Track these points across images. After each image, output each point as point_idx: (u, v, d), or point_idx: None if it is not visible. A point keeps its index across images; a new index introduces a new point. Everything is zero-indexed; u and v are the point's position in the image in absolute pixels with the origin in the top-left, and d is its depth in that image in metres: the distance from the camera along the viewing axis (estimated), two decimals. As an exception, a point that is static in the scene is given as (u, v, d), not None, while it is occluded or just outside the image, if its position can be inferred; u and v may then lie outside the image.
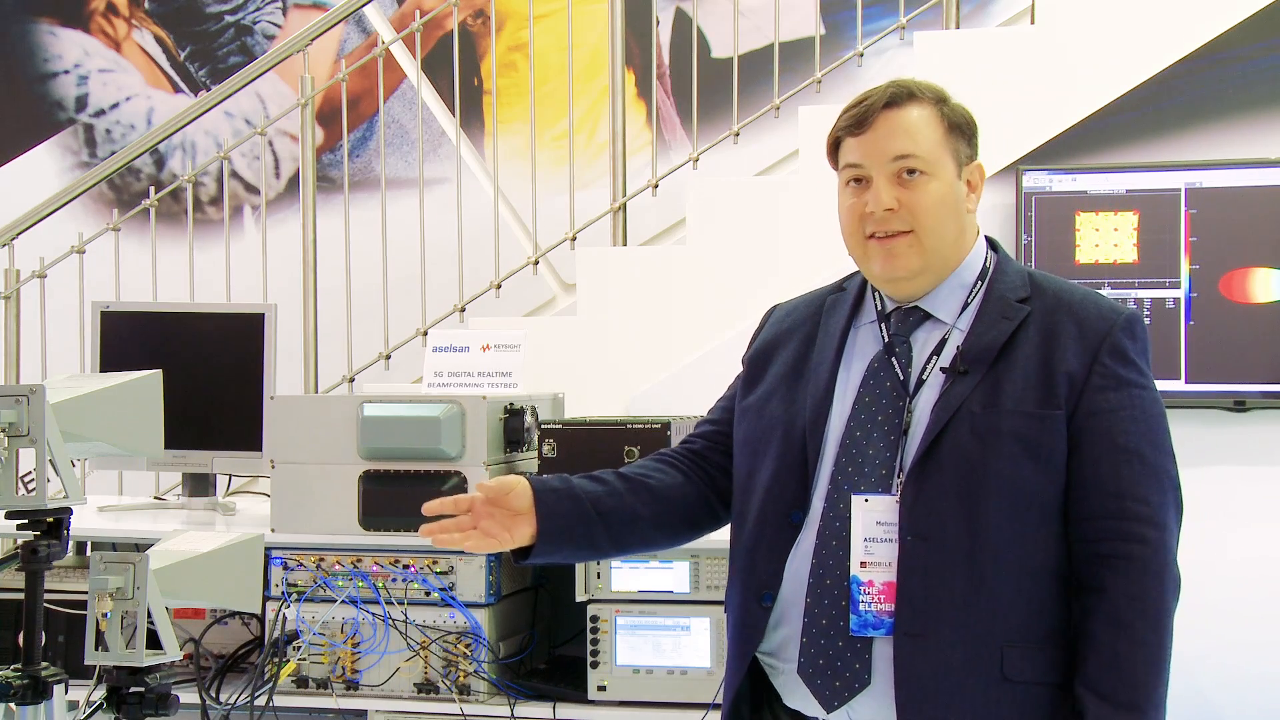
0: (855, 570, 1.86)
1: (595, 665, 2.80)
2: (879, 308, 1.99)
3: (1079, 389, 1.85)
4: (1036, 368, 1.86)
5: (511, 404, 2.96)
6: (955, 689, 1.82)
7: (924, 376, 1.91)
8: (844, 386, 1.96)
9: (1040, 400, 1.85)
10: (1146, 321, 2.15)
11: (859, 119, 1.93)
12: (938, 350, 1.92)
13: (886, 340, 1.95)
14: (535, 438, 2.91)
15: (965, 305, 1.94)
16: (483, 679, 2.82)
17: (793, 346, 2.05)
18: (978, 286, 1.95)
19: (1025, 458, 1.83)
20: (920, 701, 1.82)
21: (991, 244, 2.01)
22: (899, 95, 1.93)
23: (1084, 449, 1.84)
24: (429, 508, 1.95)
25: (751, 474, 2.00)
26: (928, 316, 1.95)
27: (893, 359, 1.93)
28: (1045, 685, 1.83)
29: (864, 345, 1.98)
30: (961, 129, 1.95)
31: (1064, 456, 1.85)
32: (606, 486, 2.04)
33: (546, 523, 1.98)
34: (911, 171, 1.90)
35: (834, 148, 1.99)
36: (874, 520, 1.87)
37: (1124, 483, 1.83)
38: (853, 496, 1.88)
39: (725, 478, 2.08)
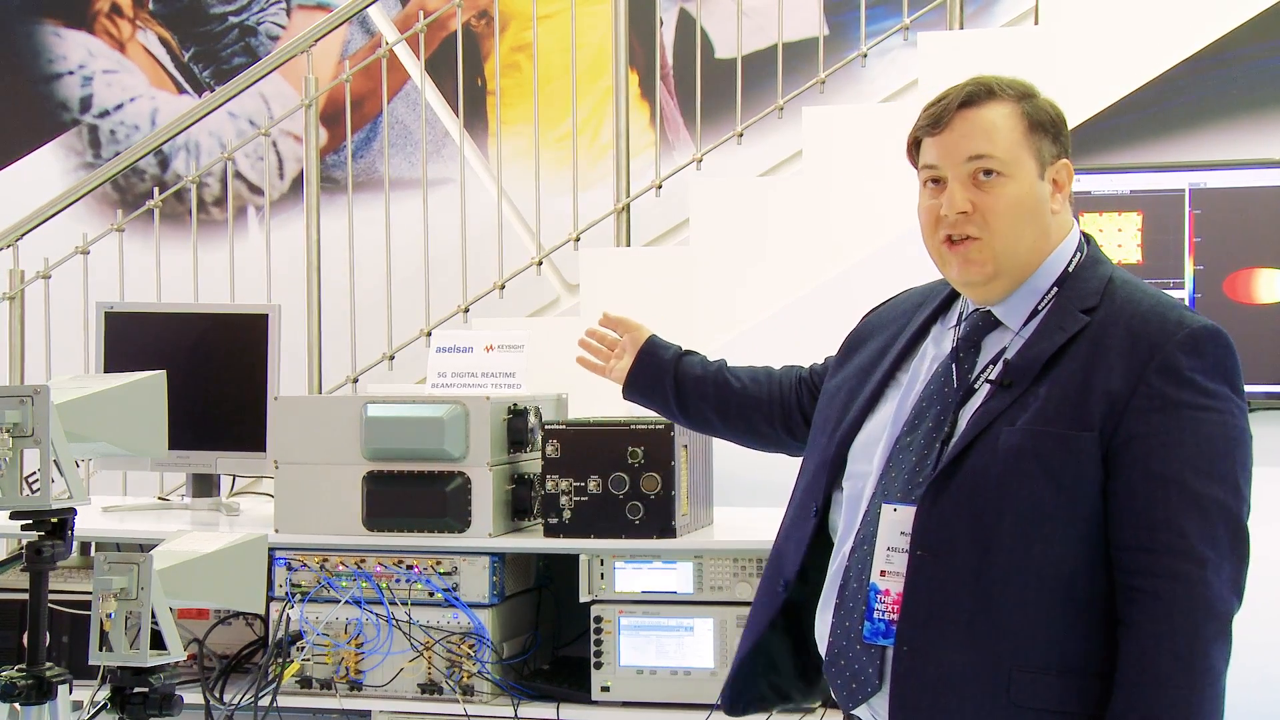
0: (875, 578, 1.85)
1: (599, 666, 2.80)
2: (961, 310, 1.94)
3: (1120, 410, 1.75)
4: (1077, 385, 1.77)
5: (515, 404, 2.96)
6: (955, 708, 1.78)
7: (975, 386, 1.86)
8: (909, 389, 1.93)
9: (1071, 421, 1.76)
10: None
11: (936, 118, 1.87)
12: (996, 359, 1.86)
13: (954, 345, 1.91)
14: (539, 438, 2.91)
15: (1035, 312, 1.86)
16: (486, 679, 2.82)
17: (881, 340, 2.04)
18: (1051, 293, 1.86)
19: (1045, 480, 1.76)
20: (915, 717, 1.80)
21: (1087, 241, 1.91)
22: (976, 93, 1.86)
23: (1120, 475, 1.75)
24: (607, 320, 2.46)
25: (805, 460, 2.06)
26: (999, 323, 1.89)
27: (953, 365, 1.89)
28: (1061, 714, 1.76)
29: (941, 348, 1.94)
30: (1046, 126, 1.87)
31: (1095, 481, 1.76)
32: (700, 374, 2.34)
33: (632, 378, 2.40)
34: (988, 173, 1.84)
35: (913, 147, 1.92)
36: (898, 530, 1.84)
37: (1158, 513, 1.73)
38: (883, 504, 1.87)
39: (801, 416, 2.25)
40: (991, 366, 1.86)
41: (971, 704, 1.78)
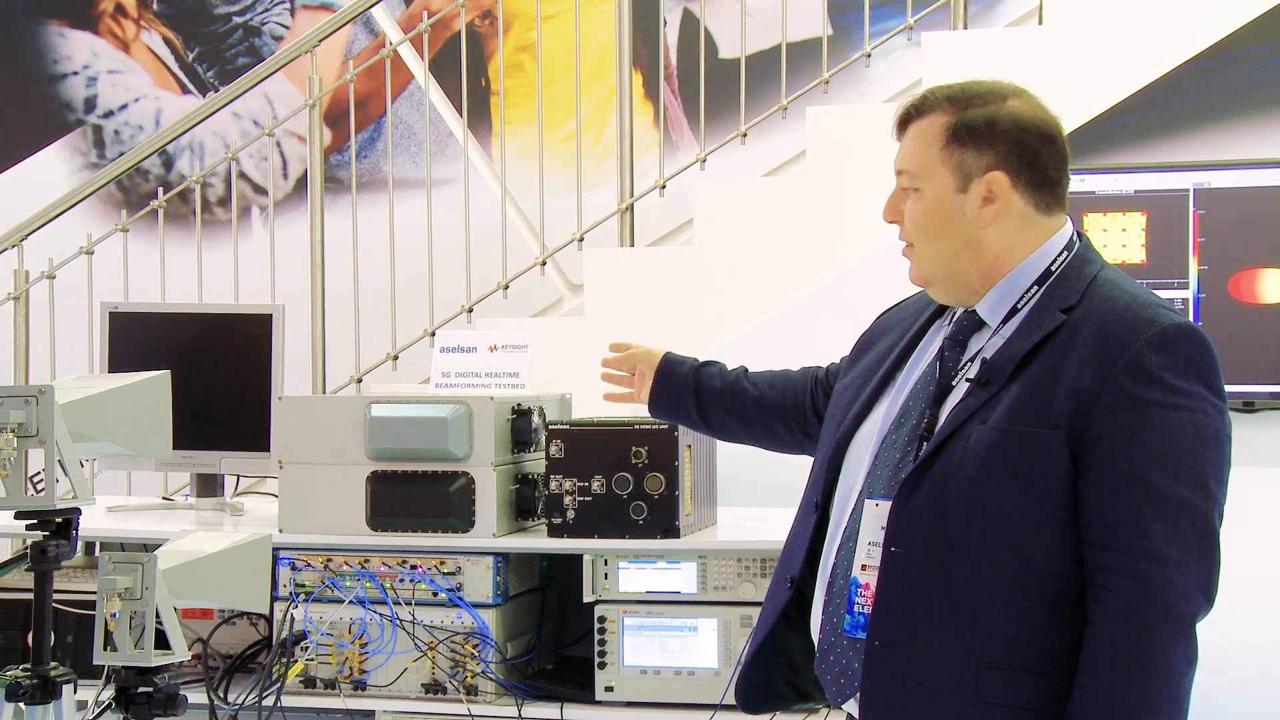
0: (856, 572, 1.86)
1: (603, 666, 2.81)
2: (954, 310, 1.97)
3: (1088, 408, 1.75)
4: (1047, 383, 1.78)
5: (519, 405, 2.97)
6: (922, 705, 1.79)
7: (954, 384, 1.88)
8: (902, 387, 1.95)
9: (1039, 419, 1.77)
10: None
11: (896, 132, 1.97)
12: (975, 358, 1.88)
13: (941, 344, 1.94)
14: (542, 438, 2.91)
15: (1015, 310, 1.87)
16: (490, 679, 2.83)
17: (889, 340, 2.06)
18: (1032, 292, 1.87)
19: (1012, 478, 1.77)
20: (884, 712, 1.81)
21: (1079, 238, 1.92)
22: (908, 112, 1.93)
23: (1087, 473, 1.75)
24: (615, 347, 2.52)
25: (815, 458, 2.08)
26: (984, 322, 1.91)
27: (938, 363, 1.92)
28: (1031, 711, 1.76)
29: (934, 347, 1.96)
30: (978, 137, 1.86)
31: (1062, 479, 1.76)
32: (718, 385, 2.39)
33: (655, 398, 2.45)
34: (910, 187, 1.92)
35: None
36: (878, 525, 1.85)
37: (1121, 511, 1.73)
38: (866, 500, 1.88)
39: (815, 417, 2.28)
40: (970, 364, 1.88)
41: (940, 700, 1.78)
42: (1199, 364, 1.77)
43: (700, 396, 2.39)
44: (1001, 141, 1.87)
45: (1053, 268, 1.88)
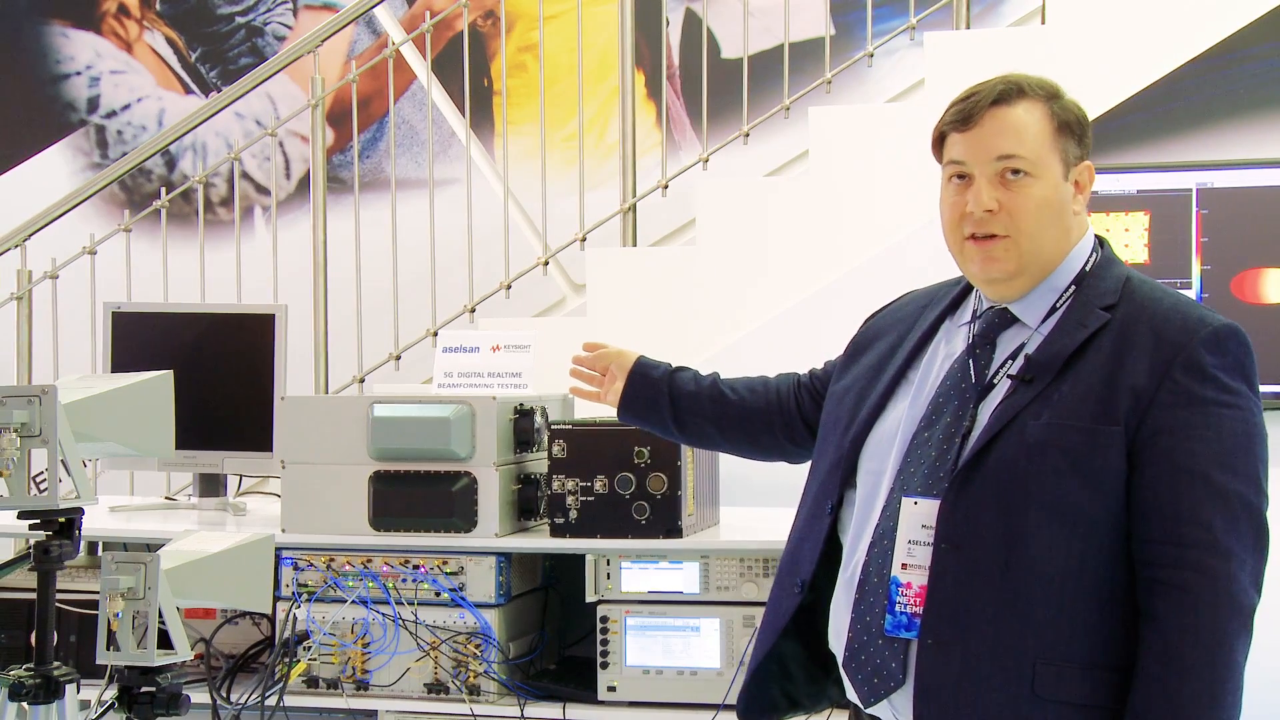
0: (896, 571, 1.85)
1: (605, 666, 2.81)
2: (975, 308, 1.95)
3: (1145, 406, 1.76)
4: (1101, 380, 1.79)
5: (521, 404, 2.97)
6: (977, 701, 1.78)
7: (995, 381, 1.87)
8: (922, 386, 1.94)
9: (1097, 415, 1.78)
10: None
11: (965, 114, 1.87)
12: (1014, 355, 1.88)
13: (970, 342, 1.92)
14: (545, 438, 2.91)
15: (1053, 309, 1.87)
16: (492, 679, 2.83)
17: (889, 340, 2.05)
18: (1069, 291, 1.88)
19: (1072, 474, 1.77)
20: (938, 710, 1.80)
21: (1101, 243, 1.93)
22: (1008, 92, 1.87)
23: (1145, 470, 1.76)
24: (588, 346, 2.41)
25: (816, 461, 2.06)
26: (1015, 320, 1.90)
27: (969, 361, 1.90)
28: (1083, 707, 1.77)
29: (953, 346, 1.95)
30: (1072, 127, 1.88)
31: (1119, 475, 1.77)
32: (694, 390, 2.30)
33: (626, 401, 2.35)
34: (1015, 172, 1.85)
35: (939, 142, 1.92)
36: (919, 523, 1.84)
37: (1183, 506, 1.75)
38: (902, 498, 1.87)
39: (802, 421, 2.24)
40: (1010, 362, 1.87)
41: (995, 696, 1.78)
42: (1244, 363, 1.82)
43: (676, 401, 2.30)
44: (1086, 133, 1.91)
45: (1086, 267, 1.90)
